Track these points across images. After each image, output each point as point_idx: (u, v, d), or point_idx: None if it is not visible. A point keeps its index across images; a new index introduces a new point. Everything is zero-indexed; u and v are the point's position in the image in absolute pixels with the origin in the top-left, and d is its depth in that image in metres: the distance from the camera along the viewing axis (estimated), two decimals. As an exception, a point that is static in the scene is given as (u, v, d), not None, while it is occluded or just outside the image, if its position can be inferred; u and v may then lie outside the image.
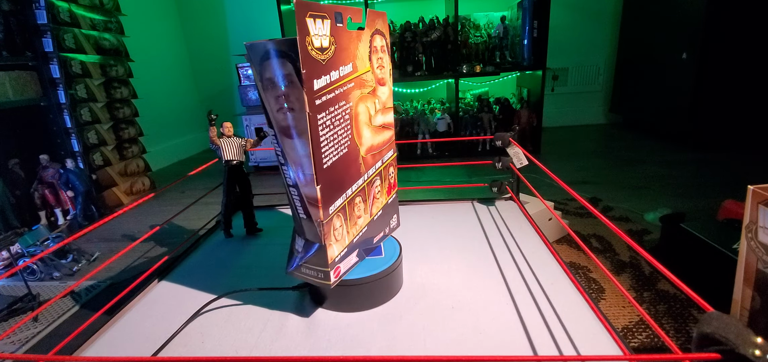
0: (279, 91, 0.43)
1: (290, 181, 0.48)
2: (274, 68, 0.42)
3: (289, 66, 0.41)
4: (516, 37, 2.66)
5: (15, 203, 1.66)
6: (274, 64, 0.42)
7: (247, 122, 2.54)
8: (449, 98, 2.83)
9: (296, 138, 0.44)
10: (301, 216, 0.49)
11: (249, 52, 0.43)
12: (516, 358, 0.43)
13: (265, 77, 0.43)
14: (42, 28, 1.73)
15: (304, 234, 0.50)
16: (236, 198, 0.82)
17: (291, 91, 0.42)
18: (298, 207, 0.49)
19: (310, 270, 0.51)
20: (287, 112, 0.43)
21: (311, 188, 0.46)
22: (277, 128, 0.45)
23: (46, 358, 0.52)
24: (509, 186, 0.93)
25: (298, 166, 0.46)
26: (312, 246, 0.50)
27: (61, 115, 1.83)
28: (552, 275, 0.60)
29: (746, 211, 0.66)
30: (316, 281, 0.51)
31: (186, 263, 0.74)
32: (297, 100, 0.42)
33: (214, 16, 3.34)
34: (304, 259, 0.51)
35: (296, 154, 0.45)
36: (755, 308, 0.67)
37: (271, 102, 0.44)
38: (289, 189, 0.49)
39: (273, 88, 0.43)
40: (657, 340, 0.87)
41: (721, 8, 2.10)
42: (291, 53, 0.41)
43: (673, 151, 2.37)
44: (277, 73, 0.42)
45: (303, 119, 0.42)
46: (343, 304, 0.55)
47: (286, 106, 0.43)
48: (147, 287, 0.65)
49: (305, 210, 0.48)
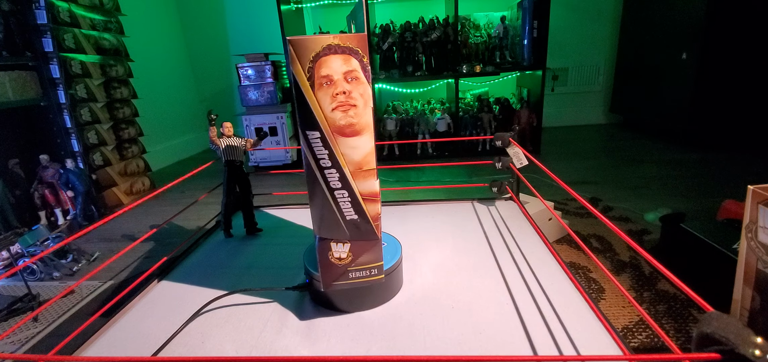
0: (339, 88, 0.42)
1: (337, 183, 0.46)
2: (333, 65, 0.42)
3: (354, 62, 0.42)
4: (516, 37, 2.66)
5: (15, 203, 1.66)
6: (332, 60, 0.41)
7: (247, 122, 2.54)
8: (449, 98, 2.82)
9: (359, 135, 0.44)
10: (350, 218, 0.48)
11: (294, 49, 0.41)
12: (516, 358, 0.43)
13: (321, 75, 0.42)
14: (42, 28, 1.73)
15: (347, 237, 0.49)
16: (236, 198, 0.82)
17: (355, 87, 0.42)
18: (346, 208, 0.47)
19: (361, 271, 0.51)
20: (348, 108, 0.43)
21: (371, 183, 0.46)
22: (328, 129, 0.43)
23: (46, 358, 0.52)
24: (509, 186, 0.93)
25: (355, 164, 0.45)
26: (361, 246, 0.49)
27: (61, 115, 1.83)
28: (552, 275, 0.60)
29: (746, 211, 0.66)
30: (367, 280, 0.51)
31: (186, 263, 0.74)
32: (361, 95, 0.43)
33: (214, 16, 3.34)
34: (354, 263, 0.50)
35: (356, 152, 0.45)
36: (755, 308, 0.67)
37: (325, 101, 0.43)
38: (334, 193, 0.47)
39: (330, 85, 0.42)
40: (657, 340, 0.87)
41: (721, 8, 2.10)
42: (357, 49, 0.41)
43: (673, 150, 2.37)
44: (337, 70, 0.42)
45: (368, 114, 0.43)
46: (343, 304, 0.55)
47: (349, 102, 0.43)
48: (147, 287, 0.65)
49: (357, 209, 0.47)
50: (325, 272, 0.51)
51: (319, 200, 0.47)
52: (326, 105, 0.43)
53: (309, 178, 0.47)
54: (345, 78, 0.42)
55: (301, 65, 0.41)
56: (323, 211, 0.48)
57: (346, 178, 0.46)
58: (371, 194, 0.47)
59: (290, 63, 0.41)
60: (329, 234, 0.49)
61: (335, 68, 0.42)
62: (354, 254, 0.50)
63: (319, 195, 0.47)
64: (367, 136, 0.44)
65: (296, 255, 0.70)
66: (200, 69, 3.48)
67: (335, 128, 0.44)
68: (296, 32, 2.77)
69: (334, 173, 0.46)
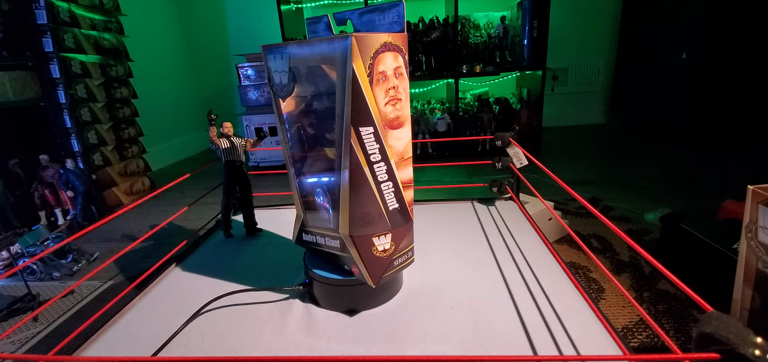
0: (390, 83, 0.45)
1: (384, 176, 0.48)
2: (387, 61, 0.44)
3: (400, 58, 0.46)
4: (516, 37, 2.66)
5: (15, 203, 1.66)
6: (387, 57, 0.44)
7: (247, 122, 2.54)
8: (449, 98, 2.82)
9: (402, 127, 0.48)
10: (392, 208, 0.50)
11: (359, 45, 0.42)
12: (516, 358, 0.43)
13: (378, 71, 0.44)
14: (42, 28, 1.73)
15: (389, 227, 0.51)
16: (236, 198, 0.82)
17: (401, 82, 0.46)
18: (390, 199, 0.50)
19: (401, 257, 0.53)
20: (396, 102, 0.47)
21: (409, 170, 0.51)
22: (381, 123, 0.46)
23: (46, 358, 0.52)
24: (509, 186, 0.93)
25: (399, 155, 0.49)
26: (400, 233, 0.52)
27: (61, 115, 1.83)
28: (552, 275, 0.60)
29: (746, 211, 0.66)
30: (405, 266, 0.54)
31: (186, 263, 0.74)
32: (405, 90, 0.47)
33: (214, 16, 3.34)
34: (397, 251, 0.52)
35: (400, 143, 0.49)
36: (755, 308, 0.67)
37: (380, 96, 0.45)
38: (381, 186, 0.48)
39: (385, 80, 0.45)
40: (657, 340, 0.87)
41: (721, 8, 2.10)
42: (402, 47, 0.45)
43: (673, 150, 2.37)
44: (390, 66, 0.45)
45: (408, 107, 0.48)
46: (343, 304, 0.55)
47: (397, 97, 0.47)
48: (147, 287, 0.66)
49: (399, 198, 0.50)
50: (372, 268, 0.51)
51: (364, 197, 0.48)
52: (381, 100, 0.45)
53: (354, 178, 0.47)
54: (394, 73, 0.46)
55: (363, 62, 0.43)
56: (367, 208, 0.49)
57: (392, 169, 0.48)
58: (408, 181, 0.51)
59: (351, 59, 0.42)
60: (370, 229, 0.50)
61: (389, 64, 0.45)
62: (396, 242, 0.52)
63: (364, 193, 0.48)
64: (408, 126, 0.49)
65: (296, 255, 0.70)
66: (200, 69, 3.48)
67: (386, 121, 0.46)
68: (296, 32, 2.77)
69: (382, 166, 0.48)
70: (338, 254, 0.53)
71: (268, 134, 2.50)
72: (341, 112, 0.45)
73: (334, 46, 0.44)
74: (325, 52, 0.46)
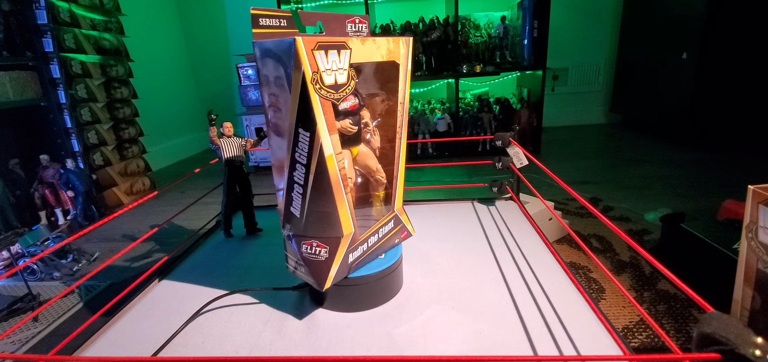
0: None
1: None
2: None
3: None
4: (516, 37, 2.66)
5: (15, 203, 1.66)
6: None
7: (247, 122, 2.54)
8: (449, 98, 2.82)
9: None
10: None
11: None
12: (516, 358, 0.43)
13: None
14: (42, 28, 1.73)
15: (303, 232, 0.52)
16: (236, 198, 0.81)
17: None
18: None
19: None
20: None
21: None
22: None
23: (46, 358, 0.52)
24: (509, 186, 0.93)
25: None
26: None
27: (61, 115, 1.83)
28: (552, 275, 0.60)
29: (746, 211, 0.66)
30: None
31: (186, 263, 0.74)
32: None
33: (214, 16, 3.34)
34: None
35: None
36: (755, 308, 0.67)
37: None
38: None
39: None
40: (657, 340, 0.87)
41: (721, 8, 2.10)
42: None
43: (673, 150, 2.37)
44: None
45: None
46: (343, 304, 0.55)
47: None
48: (147, 287, 0.66)
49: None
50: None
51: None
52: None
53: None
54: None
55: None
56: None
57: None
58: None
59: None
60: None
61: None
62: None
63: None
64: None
65: (296, 255, 0.70)
66: (200, 69, 3.48)
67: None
68: (296, 32, 2.77)
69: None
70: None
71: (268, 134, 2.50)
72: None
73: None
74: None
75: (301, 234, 0.51)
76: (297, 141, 0.46)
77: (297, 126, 0.45)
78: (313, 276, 0.50)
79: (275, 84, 0.45)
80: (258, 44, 0.45)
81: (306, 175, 0.47)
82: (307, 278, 0.51)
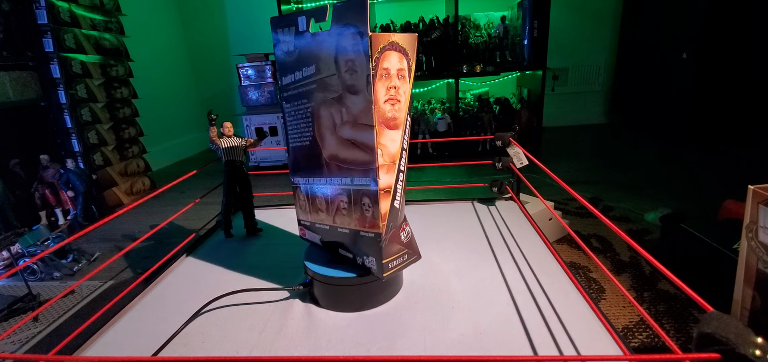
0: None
1: None
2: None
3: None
4: (516, 37, 2.66)
5: (15, 203, 1.66)
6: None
7: (247, 122, 2.54)
8: (449, 98, 2.82)
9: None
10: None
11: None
12: (516, 358, 0.43)
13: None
14: (42, 28, 1.73)
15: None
16: (236, 198, 0.81)
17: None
18: None
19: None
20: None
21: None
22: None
23: (46, 358, 0.52)
24: (509, 186, 0.93)
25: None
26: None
27: (62, 115, 1.83)
28: (552, 275, 0.60)
29: (746, 211, 0.66)
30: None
31: (186, 263, 0.74)
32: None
33: (214, 16, 3.34)
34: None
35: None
36: (755, 308, 0.67)
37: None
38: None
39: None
40: (657, 340, 0.87)
41: (721, 8, 2.10)
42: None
43: (673, 151, 2.37)
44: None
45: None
46: (343, 304, 0.55)
47: None
48: (147, 287, 0.66)
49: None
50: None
51: None
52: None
53: None
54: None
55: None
56: None
57: None
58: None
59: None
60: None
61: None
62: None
63: None
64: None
65: (296, 255, 0.70)
66: (200, 69, 3.47)
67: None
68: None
69: None
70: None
71: (269, 134, 2.50)
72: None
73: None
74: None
75: (398, 224, 0.52)
76: (405, 128, 0.50)
77: (407, 114, 0.49)
78: (415, 251, 0.55)
79: (398, 76, 0.47)
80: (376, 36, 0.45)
81: (405, 160, 0.51)
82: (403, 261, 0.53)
